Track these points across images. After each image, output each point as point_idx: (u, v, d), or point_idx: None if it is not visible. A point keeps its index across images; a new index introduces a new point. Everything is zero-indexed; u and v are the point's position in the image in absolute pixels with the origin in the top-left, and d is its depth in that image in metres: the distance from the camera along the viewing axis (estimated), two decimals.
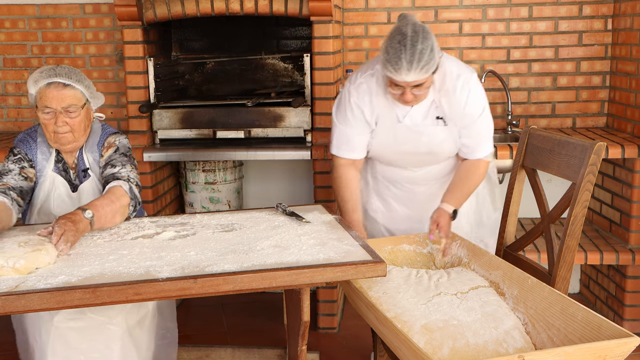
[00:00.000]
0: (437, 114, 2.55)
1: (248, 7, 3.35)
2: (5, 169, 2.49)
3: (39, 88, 2.44)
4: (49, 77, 2.44)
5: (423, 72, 2.32)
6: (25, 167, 2.51)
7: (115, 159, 2.53)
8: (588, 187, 2.23)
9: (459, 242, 2.54)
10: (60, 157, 2.58)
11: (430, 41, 2.32)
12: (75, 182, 2.60)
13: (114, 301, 1.87)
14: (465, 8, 3.84)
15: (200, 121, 3.52)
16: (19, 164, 2.51)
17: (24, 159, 2.53)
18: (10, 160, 2.52)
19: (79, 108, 2.47)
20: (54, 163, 2.57)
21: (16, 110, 4.16)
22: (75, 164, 2.59)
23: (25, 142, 2.57)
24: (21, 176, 2.48)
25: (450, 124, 2.55)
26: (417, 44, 2.29)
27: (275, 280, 1.94)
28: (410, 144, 2.58)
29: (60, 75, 2.45)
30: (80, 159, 2.58)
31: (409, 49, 2.29)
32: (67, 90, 2.44)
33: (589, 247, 3.42)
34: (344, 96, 2.60)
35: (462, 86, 2.50)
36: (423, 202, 2.72)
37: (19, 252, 2.00)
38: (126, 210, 2.39)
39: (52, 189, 2.57)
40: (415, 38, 2.30)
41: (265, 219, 2.49)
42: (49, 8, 4.02)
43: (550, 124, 3.90)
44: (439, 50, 2.38)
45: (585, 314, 1.86)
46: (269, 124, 3.47)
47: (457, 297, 2.18)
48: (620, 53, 3.68)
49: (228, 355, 3.01)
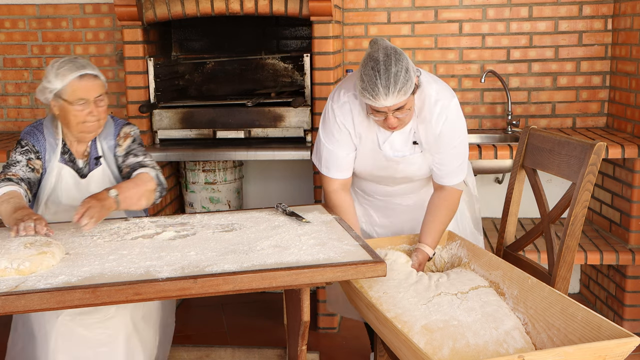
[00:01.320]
0: (414, 138, 2.51)
1: (248, 7, 3.35)
2: (13, 160, 2.52)
3: (70, 81, 2.47)
4: (77, 69, 2.48)
5: (401, 95, 2.27)
6: (32, 159, 2.54)
7: (135, 148, 2.63)
8: (588, 187, 2.23)
9: (459, 242, 2.55)
10: (67, 149, 2.61)
11: (404, 62, 2.28)
12: (84, 170, 2.63)
13: (114, 301, 1.87)
14: (465, 8, 3.84)
15: (200, 121, 3.52)
16: (26, 155, 2.54)
17: (31, 151, 2.56)
18: (17, 152, 2.55)
19: (105, 97, 2.56)
20: (60, 154, 2.59)
21: (16, 110, 4.16)
22: (88, 152, 2.63)
23: (33, 134, 2.60)
24: (28, 167, 2.51)
25: (426, 150, 2.52)
26: (390, 68, 2.25)
27: (275, 280, 1.94)
28: (389, 170, 2.58)
29: (87, 67, 2.51)
30: (93, 147, 2.63)
31: (383, 73, 2.24)
32: (97, 80, 2.53)
33: (589, 247, 3.42)
34: (329, 115, 2.55)
35: (440, 112, 2.44)
36: (400, 213, 2.74)
37: (24, 254, 1.99)
38: (152, 195, 2.46)
39: (59, 179, 2.59)
40: (388, 62, 2.26)
41: (265, 219, 2.49)
42: (49, 8, 4.02)
43: (550, 124, 3.90)
44: (414, 69, 2.33)
45: (585, 314, 1.86)
46: (269, 124, 3.47)
47: (457, 297, 2.18)
48: (620, 53, 3.68)
49: (228, 355, 3.01)
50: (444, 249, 2.61)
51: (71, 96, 2.48)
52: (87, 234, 2.31)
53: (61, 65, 2.50)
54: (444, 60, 3.86)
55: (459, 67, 3.88)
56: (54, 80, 2.48)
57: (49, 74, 2.50)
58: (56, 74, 2.48)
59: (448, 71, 3.87)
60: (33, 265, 1.96)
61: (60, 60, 2.52)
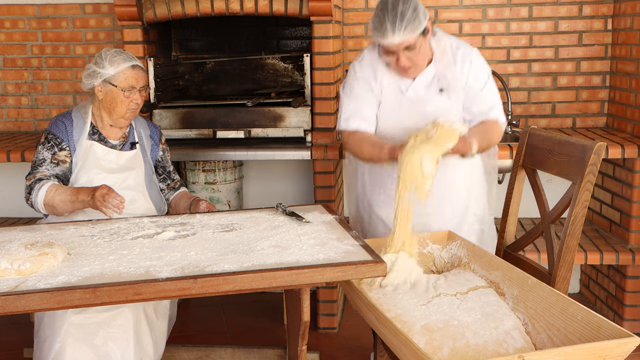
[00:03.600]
0: (440, 86, 2.57)
1: (248, 7, 3.35)
2: (40, 158, 2.69)
3: (123, 69, 2.68)
4: (130, 60, 2.72)
5: (408, 32, 2.37)
6: (55, 153, 2.69)
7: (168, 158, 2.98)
8: (588, 187, 2.23)
9: (459, 242, 2.54)
10: (96, 130, 2.77)
11: (413, 3, 2.39)
12: (117, 147, 2.79)
13: (114, 301, 1.88)
14: (465, 8, 3.84)
15: (200, 121, 3.52)
16: (50, 150, 2.69)
17: (54, 144, 2.70)
18: (44, 147, 2.70)
19: (147, 88, 2.82)
20: (88, 134, 2.74)
21: (16, 110, 4.16)
22: (126, 135, 2.83)
23: (56, 124, 2.74)
24: (53, 163, 2.68)
25: (454, 95, 2.56)
26: (398, 6, 2.37)
27: (275, 280, 1.94)
28: (415, 118, 2.56)
29: (136, 59, 2.75)
30: (131, 133, 2.85)
31: (390, 11, 2.37)
32: (144, 72, 2.78)
33: (589, 247, 3.42)
34: (350, 73, 2.65)
35: (463, 58, 2.54)
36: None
37: (24, 255, 1.99)
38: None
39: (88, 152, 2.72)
40: (396, 2, 2.38)
41: (265, 219, 2.49)
42: (49, 8, 4.02)
43: (550, 124, 3.90)
44: (425, 12, 2.42)
45: (585, 314, 1.86)
46: (269, 124, 3.47)
47: (457, 297, 2.18)
48: (620, 53, 3.68)
49: (228, 355, 3.01)
50: (444, 249, 2.60)
51: (123, 83, 2.68)
52: (87, 234, 2.32)
53: (114, 54, 2.71)
54: None
55: None
56: (108, 66, 2.68)
57: (102, 60, 2.69)
58: (111, 61, 2.68)
59: None
60: (34, 266, 1.96)
61: (112, 51, 2.73)
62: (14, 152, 3.49)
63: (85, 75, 2.73)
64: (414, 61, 2.47)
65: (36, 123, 4.16)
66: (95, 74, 2.70)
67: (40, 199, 2.58)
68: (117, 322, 2.40)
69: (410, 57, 2.45)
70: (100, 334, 2.37)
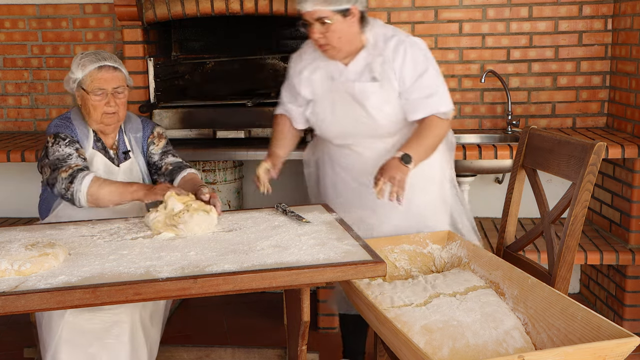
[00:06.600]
0: (372, 74, 2.55)
1: (248, 7, 3.35)
2: (64, 154, 2.55)
3: (90, 71, 2.57)
4: (98, 60, 2.58)
5: (322, 2, 2.38)
6: (79, 148, 2.60)
7: (171, 149, 2.81)
8: (588, 187, 2.23)
9: (459, 242, 2.54)
10: (98, 137, 2.68)
11: None
12: (115, 160, 2.69)
13: (114, 301, 1.87)
14: (465, 8, 3.84)
15: (200, 121, 3.52)
16: (72, 146, 2.58)
17: (74, 141, 2.60)
18: (62, 145, 2.57)
19: (125, 89, 2.64)
20: (93, 142, 2.66)
21: (16, 110, 4.16)
22: (116, 145, 2.71)
23: (65, 126, 2.63)
24: (80, 158, 2.56)
25: (387, 84, 2.53)
26: None
27: (275, 280, 1.94)
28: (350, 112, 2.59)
29: (108, 59, 2.61)
30: (121, 141, 2.72)
31: None
32: (116, 72, 2.61)
33: (589, 247, 3.42)
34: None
35: (396, 46, 2.51)
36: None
37: (24, 255, 1.98)
38: None
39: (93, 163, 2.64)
40: None
41: (265, 219, 2.49)
42: (49, 8, 4.02)
43: (550, 124, 3.90)
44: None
45: (585, 314, 1.86)
46: (269, 124, 3.45)
47: (456, 298, 2.18)
48: (620, 53, 3.68)
49: (228, 355, 3.01)
50: (444, 249, 2.60)
51: (90, 86, 2.57)
52: (87, 234, 2.32)
53: (84, 56, 2.61)
54: (444, 60, 3.86)
55: (459, 67, 3.89)
56: (75, 70, 2.59)
57: (72, 64, 2.61)
58: (78, 64, 2.59)
59: (448, 71, 3.87)
60: (34, 267, 1.95)
61: (85, 53, 2.63)
62: (14, 152, 3.49)
63: (64, 82, 2.65)
64: (329, 39, 2.45)
65: (36, 123, 4.16)
66: (69, 79, 2.62)
67: (84, 187, 2.45)
68: (113, 332, 2.33)
69: (324, 33, 2.44)
70: (95, 344, 2.31)
